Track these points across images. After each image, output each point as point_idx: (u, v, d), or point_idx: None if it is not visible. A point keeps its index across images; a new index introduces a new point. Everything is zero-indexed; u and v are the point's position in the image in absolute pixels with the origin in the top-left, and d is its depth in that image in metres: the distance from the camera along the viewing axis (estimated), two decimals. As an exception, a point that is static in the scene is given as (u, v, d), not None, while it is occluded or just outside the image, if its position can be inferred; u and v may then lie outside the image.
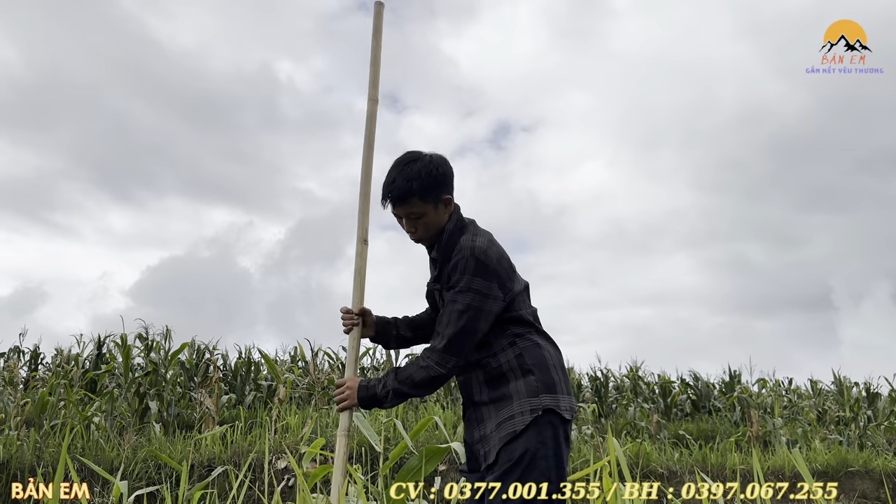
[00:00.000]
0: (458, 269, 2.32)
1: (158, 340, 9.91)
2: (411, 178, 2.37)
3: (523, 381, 2.33)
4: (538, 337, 2.46)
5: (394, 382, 2.36)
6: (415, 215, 2.42)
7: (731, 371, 14.46)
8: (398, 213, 2.45)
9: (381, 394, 2.37)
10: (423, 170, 2.39)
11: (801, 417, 13.11)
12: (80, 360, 11.34)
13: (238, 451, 7.30)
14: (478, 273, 2.31)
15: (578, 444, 9.15)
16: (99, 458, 7.09)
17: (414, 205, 2.39)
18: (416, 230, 2.47)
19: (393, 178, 2.41)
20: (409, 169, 2.39)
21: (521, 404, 2.29)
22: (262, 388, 11.43)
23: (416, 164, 2.41)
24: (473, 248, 2.34)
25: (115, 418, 8.57)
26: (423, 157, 2.43)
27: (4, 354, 12.56)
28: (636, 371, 14.42)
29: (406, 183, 2.37)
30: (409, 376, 2.35)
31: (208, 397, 9.00)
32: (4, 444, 7.09)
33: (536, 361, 2.37)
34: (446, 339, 2.31)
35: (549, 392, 2.33)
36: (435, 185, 2.41)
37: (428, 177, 2.39)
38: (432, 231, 2.47)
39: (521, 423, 2.25)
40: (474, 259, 2.31)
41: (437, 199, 2.43)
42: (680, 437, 11.12)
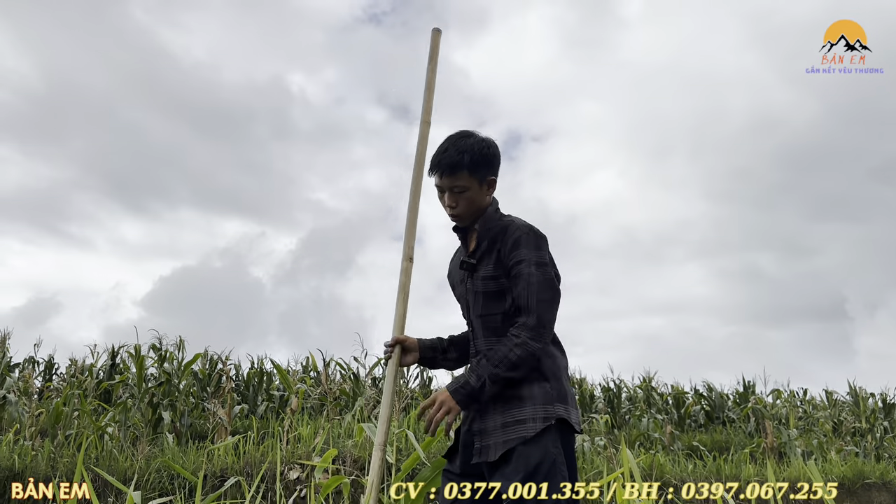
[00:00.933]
0: (523, 244, 2.34)
1: (172, 351, 9.96)
2: (463, 151, 2.38)
3: (538, 386, 2.31)
4: (554, 347, 2.44)
5: (489, 368, 2.27)
6: (459, 188, 2.41)
7: (745, 381, 14.35)
8: (443, 185, 2.44)
9: (476, 385, 2.27)
10: (475, 145, 2.41)
11: (816, 429, 12.98)
12: (94, 370, 11.41)
13: (250, 462, 7.30)
14: (541, 246, 2.37)
15: (591, 456, 9.10)
16: (112, 469, 7.12)
17: (461, 178, 2.40)
18: (458, 205, 2.44)
19: (445, 148, 2.42)
20: (463, 142, 2.41)
21: (536, 410, 2.27)
22: (275, 398, 11.46)
23: (469, 139, 2.43)
24: (530, 226, 2.40)
25: (129, 428, 8.60)
26: (476, 135, 2.46)
27: (19, 365, 12.64)
28: (649, 382, 14.34)
29: (458, 154, 2.38)
30: (505, 356, 2.26)
31: (221, 408, 9.02)
32: (19, 454, 7.13)
33: (552, 370, 2.36)
34: (535, 313, 2.28)
35: (562, 402, 2.32)
36: (485, 163, 2.43)
37: (480, 153, 2.41)
38: (472, 209, 2.46)
39: (533, 430, 2.23)
40: (534, 235, 2.37)
41: (484, 177, 2.45)
42: (694, 448, 11.03)
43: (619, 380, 14.33)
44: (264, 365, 12.41)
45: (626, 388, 14.42)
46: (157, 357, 9.85)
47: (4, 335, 11.62)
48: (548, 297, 2.31)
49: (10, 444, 7.43)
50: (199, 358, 10.71)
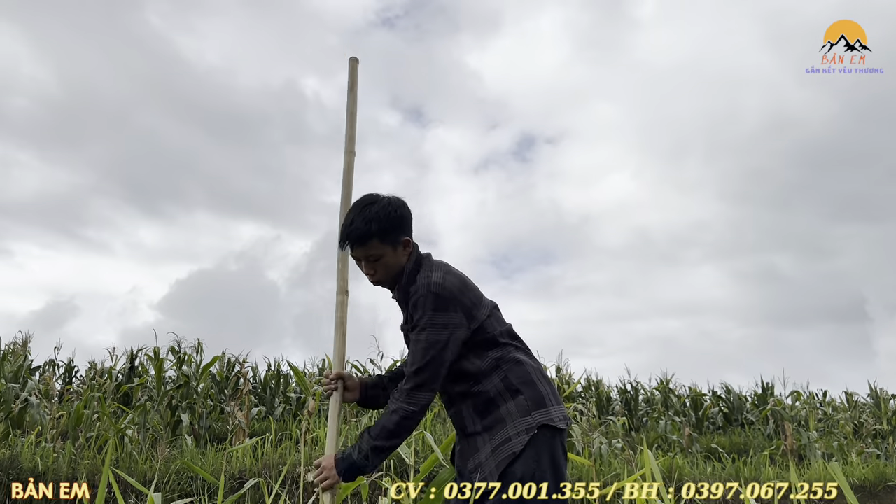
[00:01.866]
0: (419, 307, 2.32)
1: (190, 353, 10.04)
2: (370, 220, 2.37)
3: (513, 402, 2.32)
4: (518, 353, 2.45)
5: (369, 441, 2.31)
6: (374, 257, 2.42)
7: (763, 383, 14.25)
8: (357, 256, 2.45)
9: (359, 459, 2.31)
10: (381, 211, 2.40)
11: (836, 431, 12.85)
12: (114, 373, 11.52)
13: (269, 464, 7.34)
14: (438, 307, 2.30)
15: (609, 458, 9.06)
16: (132, 470, 7.18)
17: (373, 247, 2.40)
18: (376, 272, 2.46)
19: (351, 220, 2.41)
20: (368, 211, 2.40)
21: (516, 425, 2.28)
22: (292, 400, 11.51)
23: (374, 206, 2.41)
24: (429, 283, 2.33)
25: (148, 431, 8.68)
26: (381, 200, 2.45)
27: (40, 368, 12.79)
28: (667, 384, 14.27)
29: (365, 225, 2.37)
30: (383, 427, 2.31)
31: (239, 410, 9.08)
32: (41, 456, 7.21)
33: (522, 379, 2.37)
34: (413, 378, 2.30)
35: (539, 407, 2.33)
36: (394, 227, 2.41)
37: (387, 218, 2.40)
38: (392, 273, 2.46)
39: (520, 445, 2.24)
40: (431, 294, 2.31)
41: (397, 240, 2.43)
42: (712, 450, 10.95)
43: (636, 382, 14.27)
44: (281, 367, 12.49)
45: (643, 390, 14.36)
46: (176, 360, 9.92)
47: (26, 338, 11.76)
48: (427, 360, 2.29)
49: (32, 446, 7.51)
50: (217, 360, 10.79)
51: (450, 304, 2.32)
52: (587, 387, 13.73)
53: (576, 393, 13.29)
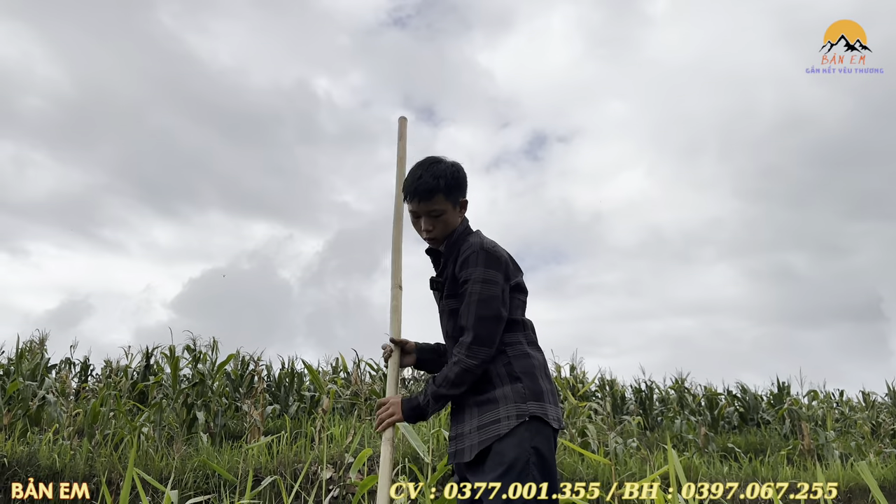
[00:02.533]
0: (470, 263, 2.40)
1: (205, 352, 10.07)
2: (438, 176, 2.48)
3: (510, 387, 2.36)
4: (528, 347, 2.48)
5: (432, 387, 2.40)
6: (436, 213, 2.50)
7: (779, 383, 14.15)
8: (420, 210, 2.52)
9: (423, 402, 2.41)
10: (448, 169, 2.51)
11: (854, 430, 12.73)
12: (129, 371, 11.58)
13: (284, 462, 7.35)
14: (489, 264, 2.39)
15: (625, 458, 9.02)
16: (149, 468, 7.21)
17: (438, 202, 2.49)
18: (434, 228, 2.53)
19: (419, 175, 2.50)
20: (436, 167, 2.51)
21: (508, 409, 2.31)
22: (306, 398, 11.53)
23: (440, 164, 2.53)
24: (482, 243, 2.44)
25: (164, 428, 8.71)
26: (445, 160, 2.56)
27: (57, 366, 12.88)
28: (682, 383, 14.19)
29: (434, 180, 2.47)
30: (445, 376, 2.37)
31: (254, 408, 9.10)
32: (58, 453, 7.26)
33: (525, 370, 2.40)
34: (472, 331, 2.35)
35: (536, 400, 2.35)
36: (457, 186, 2.53)
37: (452, 177, 2.51)
38: (447, 231, 2.55)
39: (506, 427, 2.27)
40: (484, 252, 2.41)
41: (457, 200, 2.55)
42: (728, 450, 10.88)
43: (651, 381, 14.21)
44: (295, 366, 12.52)
45: (657, 389, 14.29)
46: (191, 358, 9.96)
47: (42, 337, 11.85)
48: (486, 314, 2.35)
49: (50, 444, 7.56)
50: (232, 359, 10.83)
51: (499, 264, 2.42)
52: (601, 386, 13.67)
53: (590, 392, 13.23)
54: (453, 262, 2.50)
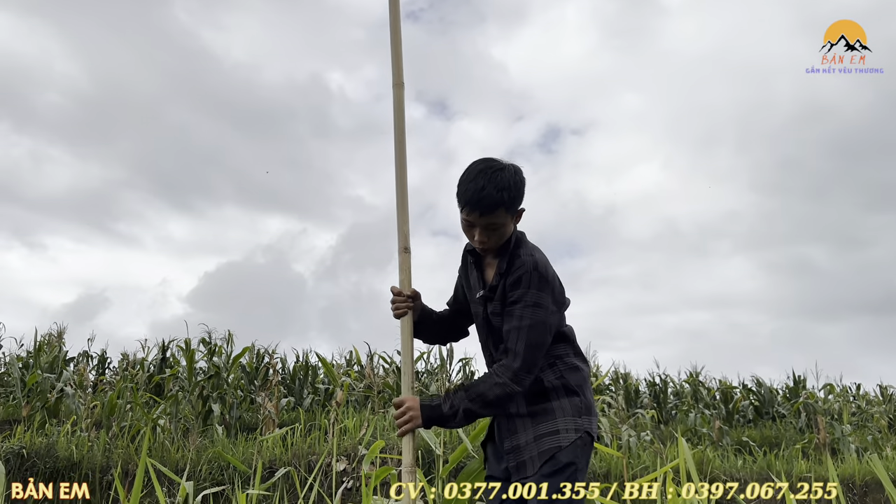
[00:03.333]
0: (523, 284, 2.27)
1: (220, 345, 10.15)
2: (503, 189, 2.26)
3: (567, 400, 2.33)
4: (576, 359, 2.45)
5: (465, 401, 2.27)
6: (494, 226, 2.31)
7: (795, 376, 14.05)
8: (477, 222, 2.32)
9: (448, 412, 2.29)
10: (511, 180, 2.29)
11: (870, 424, 12.63)
12: (146, 364, 11.70)
13: (298, 454, 7.41)
14: (542, 287, 2.28)
15: (638, 451, 9.00)
16: (165, 459, 7.29)
17: (499, 216, 2.29)
18: (489, 240, 2.35)
19: (482, 186, 2.26)
20: (500, 178, 2.27)
21: (567, 422, 2.30)
22: (320, 391, 11.61)
23: (504, 173, 2.30)
24: (536, 263, 2.30)
25: (180, 421, 8.80)
26: (508, 167, 2.33)
27: (74, 359, 13.03)
28: (696, 376, 14.13)
29: (498, 193, 2.25)
30: (482, 394, 2.27)
31: (268, 400, 9.17)
32: (76, 445, 7.35)
33: (578, 383, 2.38)
34: (520, 357, 2.25)
35: (588, 415, 2.36)
36: (519, 197, 2.35)
37: (516, 188, 2.31)
38: (502, 241, 2.38)
39: (567, 440, 2.26)
40: (538, 274, 2.28)
41: (517, 210, 2.37)
42: (743, 443, 10.83)
43: (665, 374, 14.16)
44: (309, 359, 12.59)
45: (672, 382, 14.24)
46: (207, 351, 10.05)
47: (60, 330, 11.98)
48: (534, 340, 2.26)
49: (68, 436, 7.66)
50: (247, 352, 10.91)
51: (549, 287, 2.31)
52: (615, 379, 13.65)
53: (603, 385, 13.22)
54: (504, 276, 2.35)
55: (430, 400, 2.37)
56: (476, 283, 2.51)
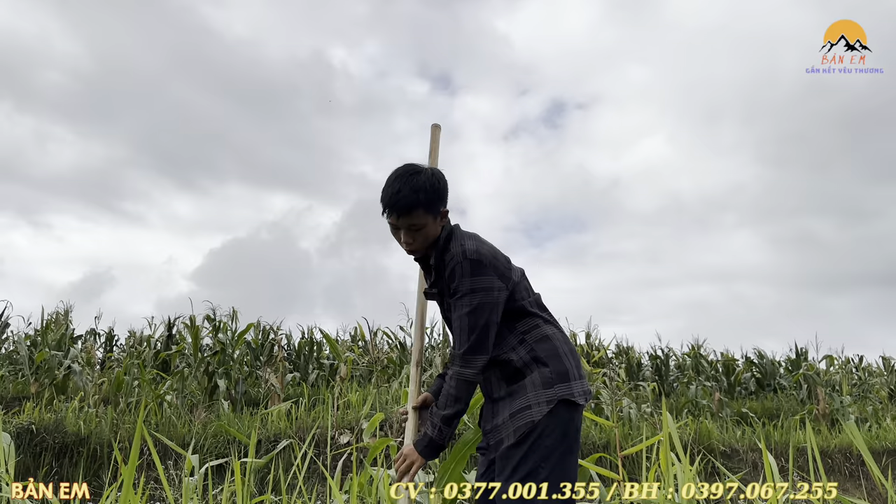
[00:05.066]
0: (456, 275, 2.37)
1: (225, 321, 10.26)
2: (418, 190, 2.37)
3: (538, 373, 2.39)
4: (546, 326, 2.49)
5: (438, 413, 2.39)
6: (416, 227, 2.42)
7: (797, 348, 14.12)
8: (398, 224, 2.44)
9: (434, 433, 2.40)
10: (427, 182, 2.40)
11: (871, 395, 12.72)
12: (152, 341, 11.84)
13: (302, 427, 7.53)
14: (475, 272, 2.36)
15: (639, 423, 9.11)
16: (171, 434, 7.43)
17: (418, 216, 2.39)
18: (414, 241, 2.46)
19: (398, 189, 2.38)
20: (415, 180, 2.39)
21: (538, 395, 2.35)
22: (325, 366, 11.74)
23: (420, 176, 2.41)
24: (464, 251, 2.38)
25: (186, 396, 8.94)
26: (425, 170, 2.45)
27: (82, 337, 13.18)
28: (698, 349, 14.22)
29: (413, 194, 2.37)
30: (446, 394, 2.39)
31: (273, 375, 9.29)
32: (84, 421, 7.49)
33: (548, 353, 2.42)
34: (466, 342, 2.36)
35: (562, 381, 2.39)
36: (438, 199, 2.43)
37: (432, 189, 2.41)
38: (427, 242, 2.48)
39: (539, 414, 2.32)
40: (468, 262, 2.36)
41: (438, 211, 2.45)
42: (743, 415, 10.94)
43: (668, 348, 14.24)
44: (314, 335, 12.71)
45: (674, 355, 14.34)
46: (212, 328, 10.16)
47: (67, 308, 12.12)
48: (476, 323, 2.35)
49: (76, 411, 7.80)
50: (252, 328, 11.03)
51: (485, 268, 2.38)
52: (618, 353, 13.75)
53: (606, 359, 13.32)
54: (440, 273, 2.47)
55: (418, 436, 2.47)
56: (424, 285, 2.64)
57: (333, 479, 3.30)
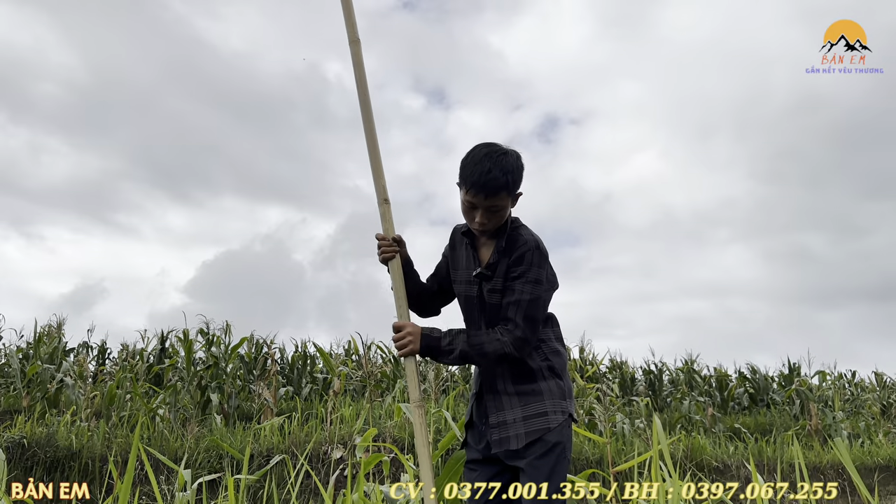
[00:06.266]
0: (525, 261, 2.40)
1: (219, 335, 10.25)
2: (507, 172, 2.36)
3: (554, 382, 2.46)
4: (557, 343, 2.57)
5: (464, 344, 2.39)
6: (496, 208, 2.40)
7: (790, 364, 14.16)
8: (480, 204, 2.40)
9: (445, 347, 2.41)
10: (514, 164, 2.40)
11: (864, 411, 12.75)
12: (145, 354, 11.80)
13: (295, 442, 7.51)
14: (542, 265, 2.43)
15: (631, 438, 9.11)
16: (164, 448, 7.40)
17: (502, 198, 2.38)
18: (489, 221, 2.44)
19: (488, 169, 2.34)
20: (504, 162, 2.37)
21: (554, 404, 2.42)
22: (318, 380, 11.72)
23: (508, 157, 2.39)
24: (537, 242, 2.45)
25: (179, 410, 8.91)
26: (511, 151, 2.43)
27: (74, 349, 13.12)
28: (691, 364, 14.25)
29: (503, 176, 2.34)
30: (481, 343, 2.38)
31: (266, 389, 9.27)
32: (76, 435, 7.46)
33: (561, 367, 2.51)
34: (522, 327, 2.38)
35: (570, 398, 2.50)
36: (520, 181, 2.45)
37: (518, 172, 2.41)
38: (500, 223, 2.48)
39: (556, 422, 2.39)
40: (539, 252, 2.43)
41: (516, 194, 2.47)
42: (736, 430, 10.95)
43: (661, 362, 14.27)
44: (307, 348, 12.70)
45: (668, 370, 14.36)
46: (205, 341, 10.14)
47: (60, 321, 12.07)
48: (535, 314, 2.41)
49: (68, 425, 7.77)
50: (245, 342, 11.01)
51: (549, 264, 2.49)
52: (612, 367, 13.77)
53: (599, 373, 13.33)
54: (507, 255, 2.45)
55: (430, 331, 2.45)
56: (470, 262, 2.59)
57: (327, 493, 3.31)
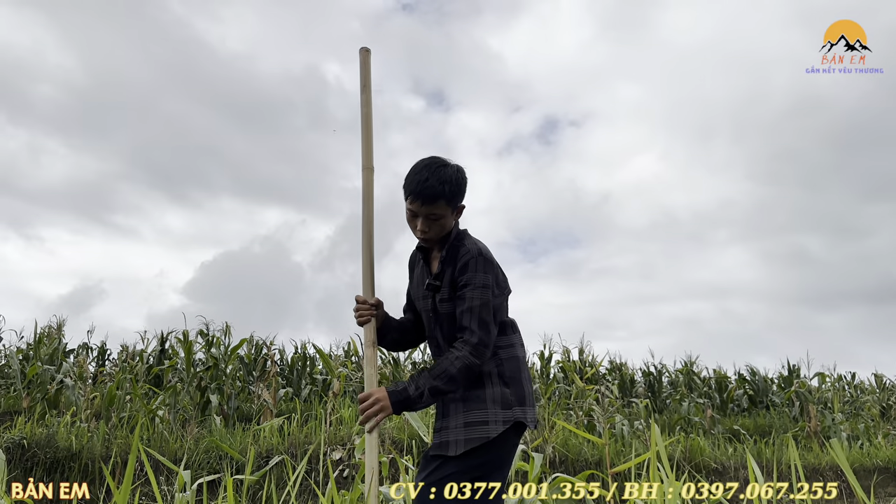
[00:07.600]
0: (469, 269, 2.46)
1: (218, 336, 10.26)
2: (444, 182, 2.47)
3: (500, 390, 2.47)
4: (518, 349, 2.59)
5: (429, 380, 2.39)
6: (434, 217, 2.50)
7: (789, 365, 14.18)
8: (419, 212, 2.51)
9: (414, 394, 2.39)
10: (453, 175, 2.50)
11: (863, 413, 12.77)
12: (145, 355, 11.81)
13: (294, 443, 7.53)
14: (487, 270, 2.48)
15: (631, 439, 9.13)
16: (163, 449, 7.41)
17: (439, 207, 2.48)
18: (429, 230, 2.54)
19: (426, 178, 2.47)
20: (442, 172, 2.49)
21: (496, 413, 2.43)
22: (318, 381, 11.73)
23: (447, 168, 2.51)
24: (480, 249, 2.51)
25: (178, 411, 8.92)
26: (451, 165, 2.55)
27: (74, 351, 13.13)
28: (690, 366, 14.26)
29: (439, 185, 2.46)
30: (445, 370, 2.39)
31: (266, 391, 9.28)
32: (76, 436, 7.47)
33: (513, 375, 2.51)
34: (478, 333, 2.42)
35: (520, 405, 2.49)
36: (460, 192, 2.54)
37: (456, 183, 2.51)
38: (442, 233, 2.57)
39: (495, 432, 2.39)
40: (483, 259, 2.48)
41: (457, 205, 2.56)
42: (735, 432, 10.96)
43: (661, 364, 14.29)
44: (307, 350, 12.71)
45: (667, 372, 14.37)
46: (205, 342, 10.15)
47: (60, 322, 12.08)
48: (487, 318, 2.44)
49: (68, 426, 7.78)
50: (245, 343, 11.02)
51: (495, 269, 2.53)
52: (611, 369, 13.78)
53: (599, 375, 13.34)
54: (451, 265, 2.53)
55: (395, 385, 2.46)
56: (423, 276, 2.67)
57: (325, 495, 3.32)
